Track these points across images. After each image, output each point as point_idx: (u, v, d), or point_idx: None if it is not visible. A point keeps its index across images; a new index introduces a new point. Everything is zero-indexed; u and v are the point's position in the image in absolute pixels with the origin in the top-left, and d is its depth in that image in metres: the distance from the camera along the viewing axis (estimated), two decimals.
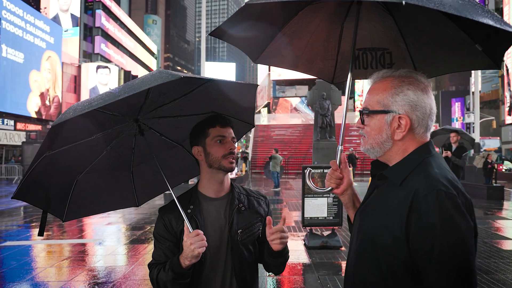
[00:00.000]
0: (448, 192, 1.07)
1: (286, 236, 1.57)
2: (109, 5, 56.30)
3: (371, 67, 1.76)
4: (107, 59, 54.07)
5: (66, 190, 1.75)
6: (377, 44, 1.74)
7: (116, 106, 1.57)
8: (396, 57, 1.73)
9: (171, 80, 1.26)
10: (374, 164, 1.35)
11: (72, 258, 6.36)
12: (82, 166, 1.76)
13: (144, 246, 7.00)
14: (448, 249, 1.03)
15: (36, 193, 1.63)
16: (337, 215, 6.63)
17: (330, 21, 1.73)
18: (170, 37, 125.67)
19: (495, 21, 1.17)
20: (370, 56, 1.76)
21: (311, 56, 1.85)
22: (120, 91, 1.33)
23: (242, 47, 1.74)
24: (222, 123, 1.67)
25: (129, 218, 9.86)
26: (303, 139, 35.01)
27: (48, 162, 1.55)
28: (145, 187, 2.00)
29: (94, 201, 1.92)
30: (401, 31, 1.66)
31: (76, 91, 47.31)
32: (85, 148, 1.69)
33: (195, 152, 1.70)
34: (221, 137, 1.65)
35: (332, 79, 1.91)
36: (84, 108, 1.33)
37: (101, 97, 1.36)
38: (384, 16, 1.64)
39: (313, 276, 5.28)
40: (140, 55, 69.90)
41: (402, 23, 1.64)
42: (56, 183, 1.70)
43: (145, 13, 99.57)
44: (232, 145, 1.67)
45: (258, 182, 21.72)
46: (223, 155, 1.64)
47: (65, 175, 1.72)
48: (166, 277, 1.55)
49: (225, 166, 1.65)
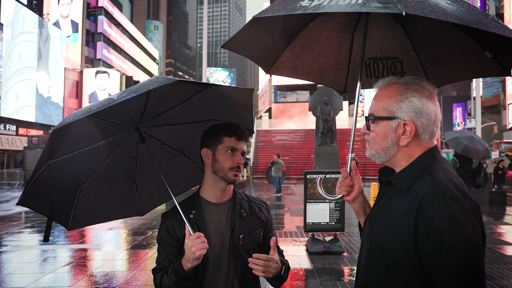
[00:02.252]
0: (454, 196, 1.08)
1: (273, 267, 1.55)
2: (111, 11, 56.64)
3: (383, 76, 1.78)
4: (109, 65, 54.31)
5: (70, 198, 1.76)
6: (388, 53, 1.76)
7: (117, 113, 1.59)
8: (407, 65, 1.75)
9: (167, 84, 1.29)
10: (382, 171, 1.36)
11: (73, 263, 6.35)
12: (85, 175, 1.77)
13: (145, 251, 6.99)
14: (456, 252, 1.04)
15: (40, 201, 1.64)
16: (339, 220, 6.61)
17: (341, 32, 1.75)
18: (172, 43, 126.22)
19: (499, 28, 1.18)
20: (381, 65, 1.78)
21: (323, 66, 1.87)
22: (118, 96, 1.35)
23: (254, 59, 1.76)
24: (239, 136, 1.68)
25: (130, 224, 9.85)
26: (304, 144, 35.03)
27: (52, 171, 1.57)
28: (148, 196, 2.00)
29: (99, 210, 1.93)
30: (411, 40, 1.67)
31: (78, 97, 47.49)
32: (88, 156, 1.71)
33: (203, 153, 1.70)
34: (233, 149, 1.66)
35: (344, 88, 1.92)
36: (84, 113, 1.35)
37: (100, 102, 1.39)
38: (393, 25, 1.66)
39: (315, 281, 5.26)
40: (141, 61, 70.18)
41: (412, 32, 1.66)
42: (61, 192, 1.71)
43: (147, 19, 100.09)
44: (241, 160, 1.68)
45: (259, 187, 21.69)
46: (230, 168, 1.66)
47: (69, 184, 1.73)
48: (169, 281, 1.56)
49: (230, 178, 1.67)
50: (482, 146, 9.39)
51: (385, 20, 1.65)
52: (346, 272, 5.71)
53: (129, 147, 1.82)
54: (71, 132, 1.50)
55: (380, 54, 1.76)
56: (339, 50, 1.81)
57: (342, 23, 1.72)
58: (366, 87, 1.78)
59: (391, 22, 1.65)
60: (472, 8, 1.23)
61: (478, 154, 9.28)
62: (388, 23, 1.66)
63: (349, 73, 1.87)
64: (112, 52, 56.07)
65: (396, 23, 1.65)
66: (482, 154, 9.23)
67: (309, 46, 1.77)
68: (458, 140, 9.26)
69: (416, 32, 1.64)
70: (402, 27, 1.65)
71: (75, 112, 1.46)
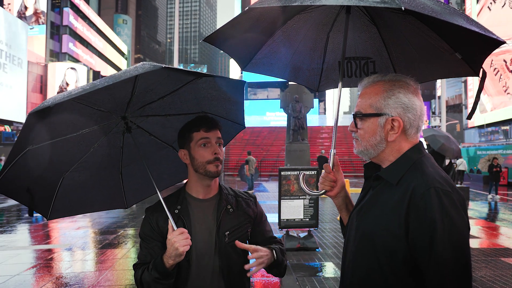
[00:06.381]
0: (444, 189, 1.13)
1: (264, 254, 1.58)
2: (78, 3, 54.71)
3: (355, 75, 1.83)
4: (76, 59, 52.50)
5: (51, 187, 1.68)
6: (361, 53, 1.80)
7: (101, 100, 1.53)
8: (379, 66, 1.80)
9: (154, 71, 1.23)
10: (368, 166, 1.40)
11: (41, 264, 6.10)
12: (68, 163, 1.70)
13: (117, 250, 6.82)
14: (448, 243, 1.08)
15: (18, 188, 1.56)
16: (313, 216, 6.68)
17: (317, 31, 1.78)
18: (141, 38, 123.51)
19: (480, 28, 1.23)
20: (355, 65, 1.82)
21: (298, 65, 1.90)
22: (101, 81, 1.29)
23: (233, 55, 1.75)
24: (207, 127, 1.63)
25: (100, 222, 9.59)
26: (275, 141, 35.24)
27: (31, 157, 1.48)
28: (134, 188, 1.94)
29: (81, 201, 1.85)
30: (384, 40, 1.73)
31: (43, 91, 45.68)
32: (71, 144, 1.64)
33: (181, 155, 1.67)
34: (205, 140, 1.62)
35: (317, 87, 1.96)
36: (64, 97, 1.28)
37: (81, 87, 1.32)
38: (368, 26, 1.71)
39: (291, 278, 5.29)
40: (109, 55, 68.33)
41: (385, 33, 1.71)
42: (40, 180, 1.62)
43: (115, 13, 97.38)
44: (216, 149, 1.63)
45: (231, 184, 21.64)
46: (208, 161, 1.61)
47: (50, 172, 1.65)
48: (150, 277, 1.52)
49: (211, 171, 1.62)
50: (456, 146, 9.84)
51: (361, 20, 1.70)
52: (321, 268, 5.78)
53: (115, 137, 1.75)
54: (51, 117, 1.42)
55: (354, 54, 1.81)
56: (314, 49, 1.84)
57: (319, 23, 1.75)
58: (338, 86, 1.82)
59: (366, 23, 1.70)
60: (453, 9, 1.28)
61: (453, 153, 9.68)
62: (364, 23, 1.71)
63: (323, 72, 1.90)
64: (78, 46, 54.21)
65: (371, 24, 1.70)
66: (456, 153, 9.62)
67: (286, 44, 1.79)
68: (435, 138, 9.58)
69: (389, 33, 1.70)
70: (376, 28, 1.70)
71: (54, 96, 1.39)
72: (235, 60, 1.77)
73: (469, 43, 1.45)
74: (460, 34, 1.34)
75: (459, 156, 8.83)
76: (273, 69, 1.90)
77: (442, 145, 9.08)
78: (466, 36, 1.31)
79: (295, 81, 1.96)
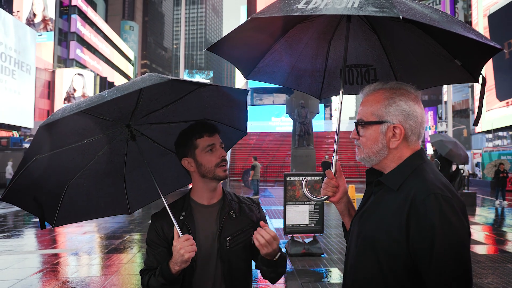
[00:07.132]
0: (445, 195, 1.14)
1: (275, 242, 1.55)
2: (85, 10, 55.38)
3: (357, 83, 1.85)
4: (83, 65, 53.06)
5: (56, 195, 1.72)
6: (362, 61, 1.83)
7: (107, 110, 1.56)
8: (380, 73, 1.82)
9: (160, 83, 1.27)
10: (369, 172, 1.41)
11: (47, 269, 6.15)
12: (73, 171, 1.73)
13: (123, 255, 6.85)
14: (447, 247, 1.09)
15: (25, 197, 1.60)
16: (319, 222, 6.67)
17: (319, 39, 1.81)
18: (148, 44, 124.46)
19: (477, 36, 1.26)
20: (356, 72, 1.85)
21: (300, 73, 1.92)
22: (108, 93, 1.33)
23: (236, 63, 1.78)
24: (209, 132, 1.66)
25: (106, 227, 9.64)
26: (281, 147, 35.20)
27: (38, 166, 1.53)
28: (137, 194, 1.98)
29: (86, 207, 1.89)
30: (384, 48, 1.75)
31: (50, 97, 46.15)
32: (77, 152, 1.67)
33: (185, 164, 1.68)
34: (211, 146, 1.65)
35: (319, 95, 1.98)
36: (72, 109, 1.32)
37: (89, 99, 1.36)
38: (368, 34, 1.74)
39: (296, 283, 5.29)
40: (116, 61, 68.94)
41: (386, 41, 1.73)
42: (47, 188, 1.66)
43: (122, 19, 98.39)
44: (223, 152, 1.67)
45: (236, 190, 21.64)
46: (216, 164, 1.64)
47: (56, 180, 1.69)
48: (156, 283, 1.54)
49: (220, 175, 1.66)
50: (464, 152, 9.80)
51: (362, 28, 1.73)
52: (326, 273, 5.76)
53: (119, 145, 1.79)
54: (59, 128, 1.47)
55: (355, 62, 1.83)
56: (316, 57, 1.87)
57: (320, 31, 1.78)
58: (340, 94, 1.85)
59: (367, 31, 1.73)
60: (451, 17, 1.30)
61: (460, 159, 9.64)
62: (365, 31, 1.73)
63: (324, 80, 1.93)
64: (86, 52, 54.81)
65: (372, 32, 1.72)
66: (463, 159, 9.59)
67: (288, 52, 1.82)
68: (443, 143, 9.56)
69: (390, 41, 1.72)
70: (377, 36, 1.73)
71: (63, 107, 1.44)
72: (238, 69, 1.81)
73: (467, 50, 1.47)
74: (458, 42, 1.37)
75: (466, 162, 8.83)
76: (275, 77, 1.92)
77: (450, 151, 9.07)
78: (464, 43, 1.34)
79: (298, 88, 1.99)
